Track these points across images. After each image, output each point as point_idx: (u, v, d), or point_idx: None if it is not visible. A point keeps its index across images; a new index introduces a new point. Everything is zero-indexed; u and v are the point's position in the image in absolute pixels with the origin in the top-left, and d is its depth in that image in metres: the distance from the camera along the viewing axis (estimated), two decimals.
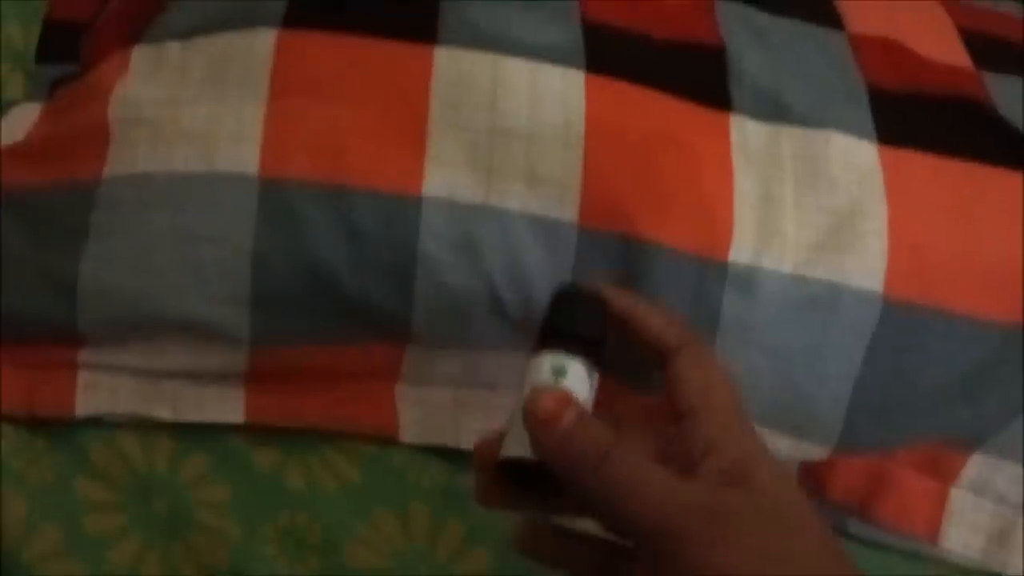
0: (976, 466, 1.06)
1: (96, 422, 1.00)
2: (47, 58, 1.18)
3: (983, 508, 1.06)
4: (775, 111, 1.03)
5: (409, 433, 1.02)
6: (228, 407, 1.00)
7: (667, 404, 0.79)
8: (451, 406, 1.03)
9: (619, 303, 0.83)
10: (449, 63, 0.99)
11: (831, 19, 1.14)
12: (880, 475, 1.04)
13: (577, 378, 0.78)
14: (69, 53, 1.15)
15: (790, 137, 1.02)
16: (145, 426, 1.00)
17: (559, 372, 0.77)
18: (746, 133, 1.02)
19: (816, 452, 1.03)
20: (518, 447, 0.75)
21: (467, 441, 1.02)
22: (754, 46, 1.07)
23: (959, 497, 1.06)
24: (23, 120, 1.06)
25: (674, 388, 0.78)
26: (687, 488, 0.70)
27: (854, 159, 1.02)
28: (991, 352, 1.02)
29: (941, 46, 1.16)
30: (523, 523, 0.84)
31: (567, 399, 0.74)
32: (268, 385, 1.00)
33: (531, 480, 0.76)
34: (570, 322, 0.80)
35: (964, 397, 1.03)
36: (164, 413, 0.99)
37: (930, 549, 1.06)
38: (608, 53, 1.03)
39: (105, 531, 0.97)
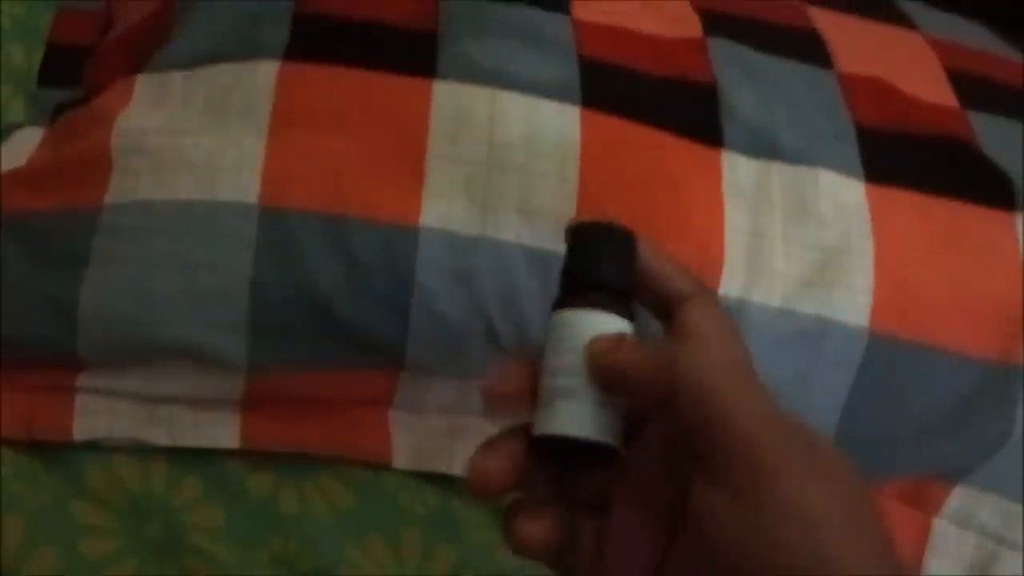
0: (959, 498, 1.08)
1: (93, 445, 1.00)
2: (49, 81, 1.20)
3: (966, 539, 1.08)
4: (765, 148, 1.05)
5: (402, 459, 1.03)
6: (224, 432, 1.01)
7: None
8: (444, 433, 1.04)
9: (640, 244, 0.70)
10: (448, 97, 1.00)
11: (821, 58, 1.16)
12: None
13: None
14: (71, 77, 1.17)
15: (780, 174, 1.04)
16: (141, 449, 1.01)
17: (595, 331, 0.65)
18: (737, 169, 1.03)
19: None
20: (560, 422, 0.64)
21: (460, 468, 1.03)
22: (746, 84, 1.09)
23: (942, 528, 1.08)
24: (25, 144, 1.07)
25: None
26: (780, 419, 0.60)
27: (842, 196, 1.04)
28: (974, 386, 1.04)
29: (928, 86, 1.18)
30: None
31: (623, 337, 0.64)
32: (264, 411, 1.02)
33: (562, 460, 0.67)
34: (598, 270, 0.68)
35: (948, 430, 1.04)
36: (160, 438, 1.00)
37: None
38: (603, 89, 1.04)
39: (101, 554, 0.97)
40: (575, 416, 0.64)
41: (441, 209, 0.97)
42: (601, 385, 0.63)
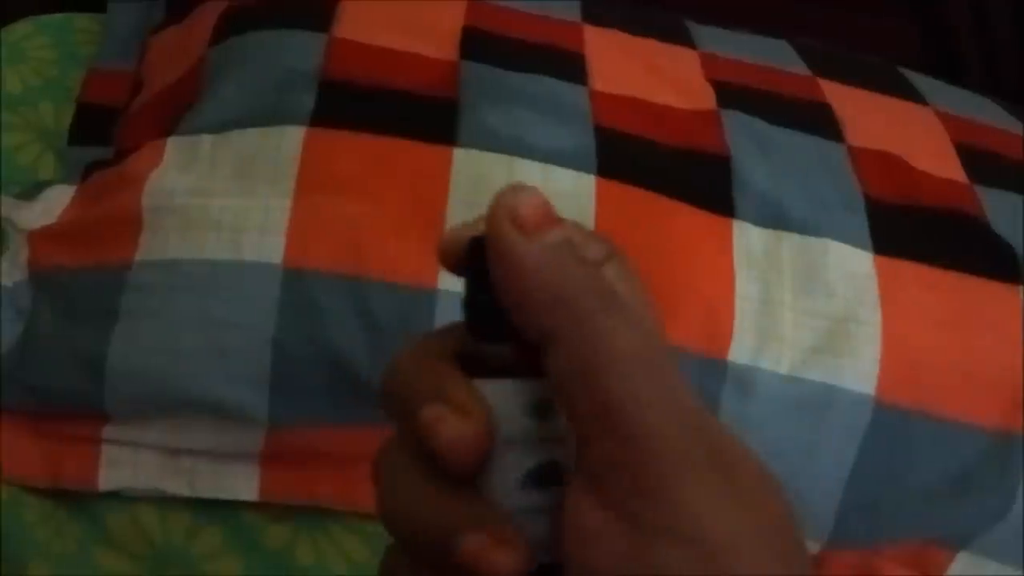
0: (962, 564, 1.09)
1: (115, 494, 1.02)
2: (79, 140, 1.23)
3: None
4: (776, 218, 1.07)
5: None
6: (244, 485, 1.03)
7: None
8: None
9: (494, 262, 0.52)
10: (466, 164, 1.03)
11: (832, 131, 1.19)
12: (869, 570, 1.08)
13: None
14: (101, 136, 1.20)
15: (790, 243, 1.06)
16: (163, 499, 1.03)
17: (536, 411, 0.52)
18: (748, 238, 1.06)
19: (808, 546, 1.05)
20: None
21: None
22: (758, 155, 1.12)
23: None
24: (56, 202, 1.09)
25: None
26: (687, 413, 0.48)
27: (850, 267, 1.06)
28: (979, 455, 1.05)
29: (937, 160, 1.20)
30: None
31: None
32: (283, 464, 1.03)
33: None
34: (475, 315, 0.53)
35: (952, 498, 1.06)
36: (182, 489, 1.02)
37: None
38: (619, 158, 1.07)
39: None
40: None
41: None
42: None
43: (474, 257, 0.52)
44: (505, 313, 0.50)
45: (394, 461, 0.52)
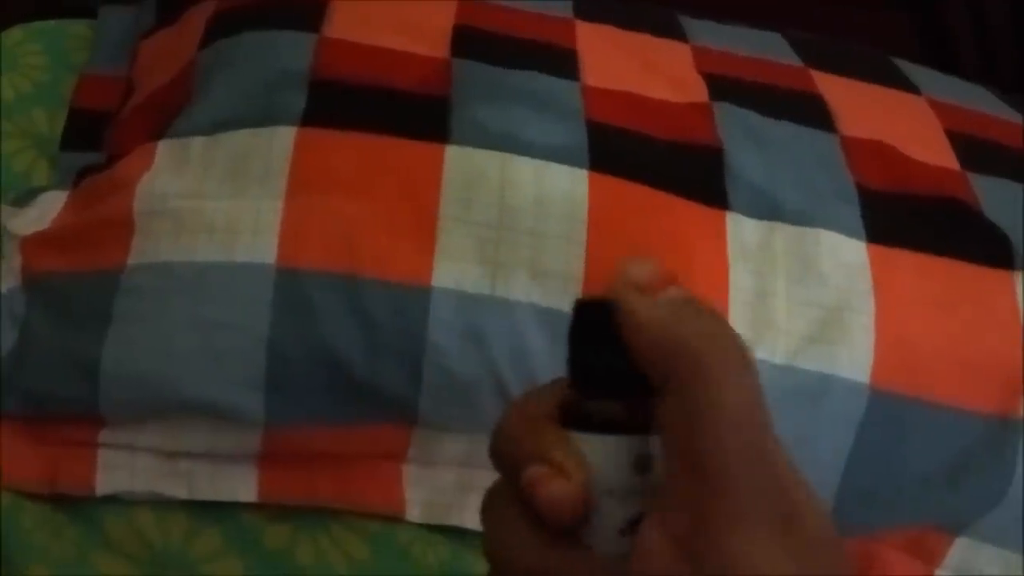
0: (960, 550, 1.10)
1: (113, 497, 1.02)
2: (72, 146, 1.22)
3: None
4: (769, 209, 1.08)
5: (415, 512, 1.05)
6: (242, 486, 1.03)
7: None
8: (456, 486, 1.06)
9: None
10: (460, 161, 1.03)
11: (824, 122, 1.19)
12: (867, 557, 1.07)
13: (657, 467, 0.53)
14: (94, 141, 1.20)
15: (783, 234, 1.07)
16: (160, 501, 1.03)
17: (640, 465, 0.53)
18: (741, 230, 1.06)
19: None
20: None
21: (471, 521, 1.05)
22: (750, 147, 1.12)
23: None
24: (49, 207, 1.09)
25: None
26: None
27: (844, 256, 1.06)
28: (974, 441, 1.06)
29: (929, 148, 1.21)
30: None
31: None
32: (280, 465, 1.04)
33: None
34: (590, 374, 0.55)
35: (948, 483, 1.06)
36: (180, 492, 1.02)
37: None
38: (611, 153, 1.07)
39: None
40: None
41: (453, 270, 0.99)
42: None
43: (578, 319, 0.55)
44: (607, 371, 0.53)
45: (502, 510, 0.54)
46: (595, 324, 0.54)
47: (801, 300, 1.04)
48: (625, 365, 0.52)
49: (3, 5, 1.37)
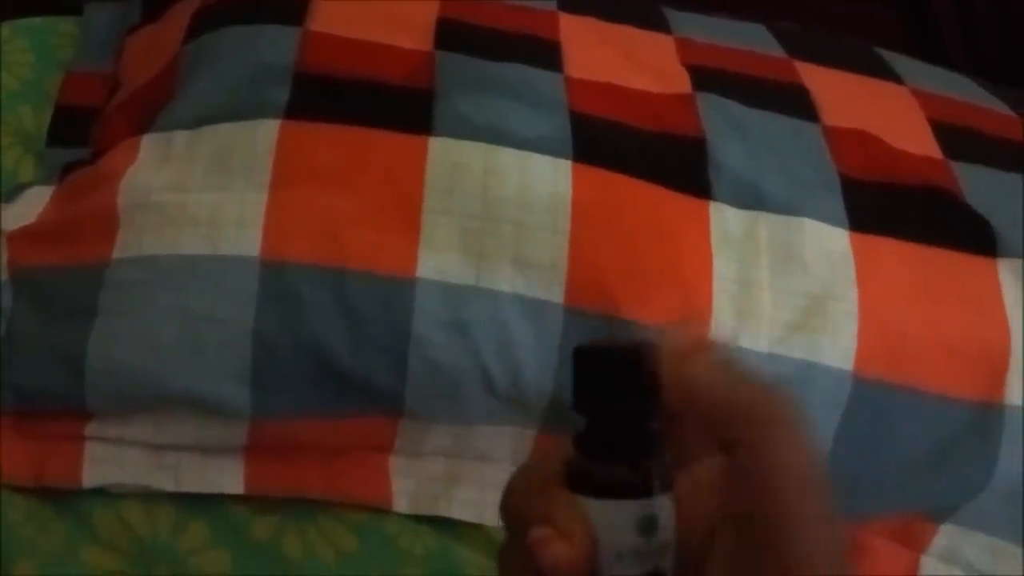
0: (946, 536, 1.10)
1: (100, 491, 1.02)
2: (58, 142, 1.23)
3: None
4: (752, 199, 1.08)
5: (402, 503, 1.06)
6: (229, 478, 1.03)
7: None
8: (443, 477, 1.06)
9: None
10: (443, 152, 1.03)
11: (807, 112, 1.20)
12: (853, 544, 1.08)
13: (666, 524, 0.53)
14: (80, 137, 1.20)
15: (767, 223, 1.07)
16: (147, 494, 1.03)
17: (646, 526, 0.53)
18: (725, 220, 1.06)
19: None
20: None
21: (458, 511, 1.05)
22: (733, 137, 1.12)
23: (930, 566, 1.10)
24: (35, 202, 1.10)
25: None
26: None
27: (827, 245, 1.07)
28: (958, 427, 1.06)
29: (912, 137, 1.21)
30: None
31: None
32: (267, 457, 1.04)
33: None
34: (600, 439, 0.54)
35: (933, 470, 1.07)
36: (167, 484, 1.02)
37: None
38: (594, 143, 1.08)
39: None
40: None
41: (437, 261, 1.00)
42: None
43: (584, 388, 0.55)
44: (613, 436, 0.53)
45: (513, 567, 0.55)
46: (600, 381, 0.54)
47: (785, 289, 1.04)
48: (632, 429, 0.53)
49: None
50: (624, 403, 0.53)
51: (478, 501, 1.05)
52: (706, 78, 1.20)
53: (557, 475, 0.54)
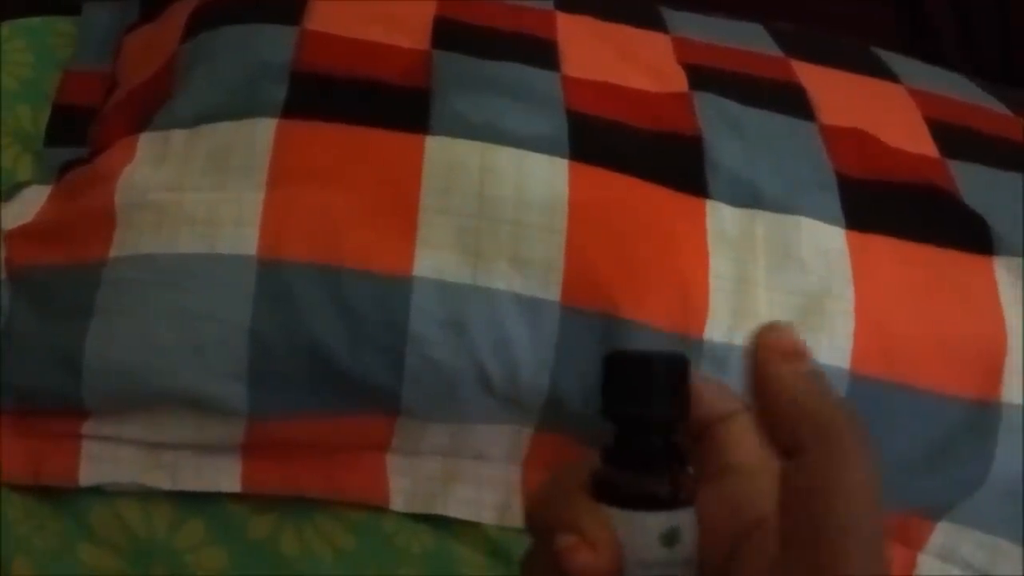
0: (943, 534, 1.10)
1: (97, 489, 1.02)
2: (56, 141, 1.23)
3: (950, 575, 1.10)
4: (749, 197, 1.08)
5: (399, 502, 1.06)
6: (226, 476, 1.04)
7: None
8: (440, 476, 1.06)
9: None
10: (440, 151, 1.03)
11: (803, 110, 1.20)
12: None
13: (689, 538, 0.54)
14: (78, 136, 1.20)
15: (763, 222, 1.07)
16: (145, 493, 1.03)
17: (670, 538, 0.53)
18: (721, 218, 1.06)
19: None
20: None
21: (455, 509, 1.05)
22: (730, 136, 1.12)
23: (927, 563, 1.10)
24: (32, 201, 1.10)
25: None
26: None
27: (823, 243, 1.07)
28: (955, 425, 1.06)
29: (909, 136, 1.21)
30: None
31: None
32: (264, 455, 1.04)
33: None
34: (637, 446, 0.55)
35: (930, 468, 1.07)
36: (164, 482, 1.02)
37: None
38: (591, 142, 1.08)
39: None
40: None
41: (434, 259, 1.00)
42: None
43: (617, 394, 0.55)
44: (642, 446, 0.54)
45: (536, 574, 0.56)
46: (636, 389, 0.54)
47: (781, 287, 1.05)
48: (661, 440, 0.54)
49: None
50: (658, 413, 0.54)
51: (475, 500, 1.06)
52: (703, 77, 1.20)
53: (583, 485, 0.54)
